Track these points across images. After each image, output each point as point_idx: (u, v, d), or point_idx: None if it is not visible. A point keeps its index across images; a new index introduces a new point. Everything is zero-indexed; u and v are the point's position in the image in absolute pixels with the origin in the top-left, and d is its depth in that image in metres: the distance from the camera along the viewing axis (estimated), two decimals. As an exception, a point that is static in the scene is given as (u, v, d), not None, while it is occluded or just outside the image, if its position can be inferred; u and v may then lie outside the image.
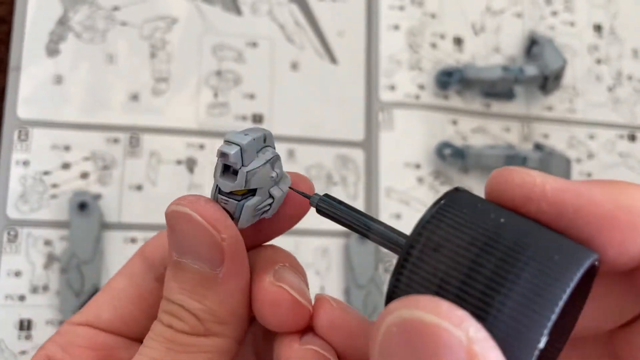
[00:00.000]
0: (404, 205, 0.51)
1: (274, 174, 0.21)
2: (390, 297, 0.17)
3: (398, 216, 0.51)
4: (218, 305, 0.21)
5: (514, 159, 0.52)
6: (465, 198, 0.18)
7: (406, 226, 0.54)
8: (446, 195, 0.18)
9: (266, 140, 0.21)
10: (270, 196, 0.22)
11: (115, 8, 0.50)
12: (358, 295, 0.49)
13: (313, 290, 0.53)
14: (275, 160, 0.21)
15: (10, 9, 0.49)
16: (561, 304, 0.15)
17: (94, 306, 0.24)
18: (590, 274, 0.17)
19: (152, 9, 0.51)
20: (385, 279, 0.50)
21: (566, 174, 0.53)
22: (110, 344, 0.24)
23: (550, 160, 0.52)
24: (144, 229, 0.47)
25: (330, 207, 0.21)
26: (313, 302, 0.23)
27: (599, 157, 0.56)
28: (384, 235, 0.20)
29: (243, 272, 0.21)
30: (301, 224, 0.24)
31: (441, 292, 0.16)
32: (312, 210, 0.22)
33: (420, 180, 0.52)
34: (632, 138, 0.58)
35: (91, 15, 0.50)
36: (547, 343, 0.16)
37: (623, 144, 0.57)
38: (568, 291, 0.16)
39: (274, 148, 0.22)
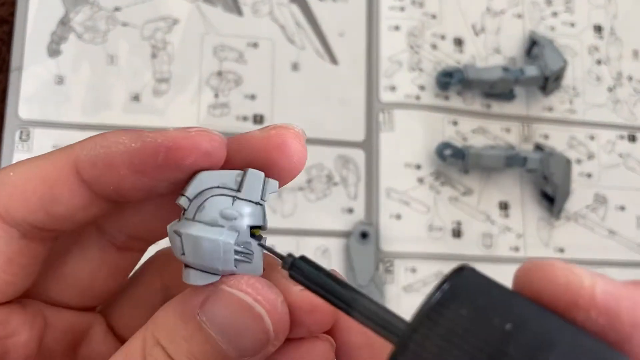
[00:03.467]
0: (404, 206, 0.51)
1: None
2: None
3: (398, 216, 0.51)
4: None
5: (514, 159, 0.52)
6: (471, 285, 0.15)
7: (407, 226, 0.54)
8: (449, 279, 0.15)
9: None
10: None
11: (117, 9, 0.50)
12: (358, 296, 0.49)
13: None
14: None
15: (11, 10, 0.49)
16: None
17: None
18: None
19: (153, 10, 0.51)
20: (386, 279, 0.50)
21: (566, 174, 0.53)
22: None
23: (550, 161, 0.52)
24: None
25: (307, 274, 0.17)
26: None
27: (599, 158, 0.57)
28: (371, 316, 0.16)
29: None
30: (302, 224, 0.24)
31: None
32: (312, 209, 0.22)
33: (420, 180, 0.52)
34: (632, 139, 0.58)
35: (92, 16, 0.50)
36: None
37: (623, 145, 0.57)
38: None
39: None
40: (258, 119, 0.51)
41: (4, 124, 0.47)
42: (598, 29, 0.59)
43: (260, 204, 0.19)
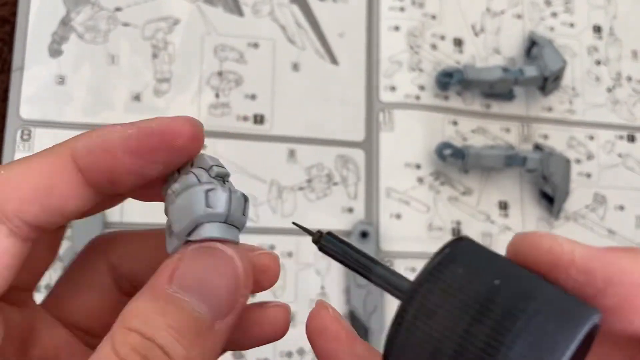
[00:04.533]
0: (404, 205, 0.52)
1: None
2: (390, 345, 0.17)
3: (398, 216, 0.51)
4: (200, 357, 0.19)
5: (514, 159, 0.52)
6: (468, 251, 0.18)
7: (407, 226, 0.54)
8: (449, 245, 0.18)
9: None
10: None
11: (118, 9, 0.51)
12: (358, 295, 0.49)
13: (314, 291, 0.53)
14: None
15: (13, 10, 0.49)
16: (573, 347, 0.15)
17: None
18: (592, 334, 0.17)
19: (154, 10, 0.51)
20: (386, 278, 0.50)
21: (566, 174, 0.53)
22: None
23: (549, 161, 0.52)
24: (146, 228, 0.47)
25: (334, 247, 0.21)
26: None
27: (598, 158, 0.57)
28: (385, 279, 0.19)
29: (232, 330, 0.20)
30: (302, 224, 0.24)
31: (437, 353, 0.16)
32: (312, 209, 0.23)
33: (420, 180, 0.53)
34: (632, 139, 0.58)
35: (93, 16, 0.50)
36: None
37: (622, 145, 0.57)
38: (568, 354, 0.16)
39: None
40: (258, 119, 0.51)
41: (6, 124, 0.47)
42: (597, 29, 0.59)
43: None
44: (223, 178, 0.21)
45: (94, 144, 0.21)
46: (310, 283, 0.49)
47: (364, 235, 0.50)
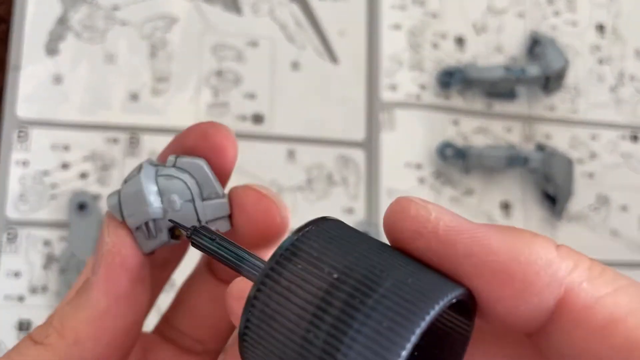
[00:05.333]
0: (405, 206, 0.51)
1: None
2: (243, 338, 0.16)
3: (399, 217, 0.51)
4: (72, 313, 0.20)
5: (516, 159, 0.52)
6: (328, 227, 0.17)
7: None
8: (309, 224, 0.17)
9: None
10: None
11: (115, 7, 0.50)
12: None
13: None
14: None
15: (9, 9, 0.49)
16: (413, 339, 0.14)
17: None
18: (463, 314, 0.16)
19: (152, 9, 0.51)
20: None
21: (568, 174, 0.53)
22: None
23: (552, 161, 0.52)
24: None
25: (204, 241, 0.19)
26: None
27: (600, 158, 0.56)
28: (249, 264, 0.18)
29: (117, 290, 0.20)
30: (301, 221, 0.24)
31: (289, 336, 0.15)
32: (312, 209, 0.22)
33: (421, 180, 0.52)
34: (635, 138, 0.57)
35: (91, 15, 0.50)
36: None
37: (625, 145, 0.57)
38: (417, 331, 0.14)
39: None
40: (257, 119, 0.51)
41: (2, 124, 0.47)
42: (600, 28, 0.59)
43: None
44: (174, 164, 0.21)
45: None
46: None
47: (365, 236, 0.49)
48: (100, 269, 0.19)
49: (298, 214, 0.49)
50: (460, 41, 0.55)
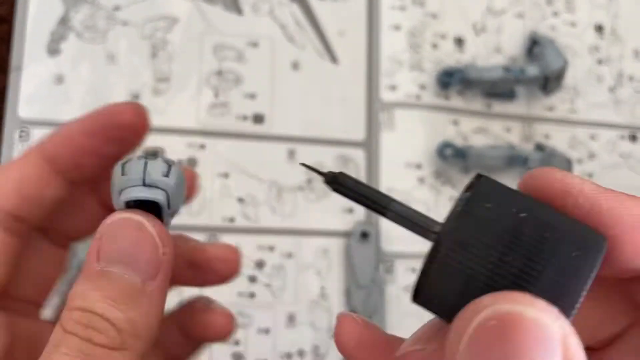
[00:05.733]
0: (405, 206, 0.51)
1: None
2: (424, 279, 0.19)
3: (399, 216, 0.51)
4: (140, 318, 0.21)
5: (515, 159, 0.52)
6: (490, 187, 0.19)
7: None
8: (472, 185, 0.19)
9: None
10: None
11: (116, 8, 0.50)
12: (358, 296, 0.49)
13: (314, 292, 0.53)
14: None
15: (11, 9, 0.49)
16: (587, 287, 0.18)
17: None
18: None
19: (153, 9, 0.51)
20: (386, 279, 0.50)
21: (567, 174, 0.53)
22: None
23: (551, 161, 0.52)
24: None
25: (348, 187, 0.21)
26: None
27: (600, 158, 0.56)
28: (406, 216, 0.20)
29: (167, 288, 0.22)
30: (302, 224, 0.24)
31: (470, 282, 0.18)
32: (312, 209, 0.22)
33: (421, 180, 0.52)
34: (633, 139, 0.58)
35: (92, 15, 0.50)
36: None
37: (624, 145, 0.57)
38: (592, 275, 0.18)
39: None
40: (258, 119, 0.51)
41: (4, 124, 0.47)
42: (599, 28, 0.59)
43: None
44: (154, 155, 0.23)
45: (58, 136, 0.26)
46: (310, 284, 0.49)
47: (364, 235, 0.50)
48: (159, 275, 0.21)
49: (298, 214, 0.49)
50: (459, 41, 0.56)
